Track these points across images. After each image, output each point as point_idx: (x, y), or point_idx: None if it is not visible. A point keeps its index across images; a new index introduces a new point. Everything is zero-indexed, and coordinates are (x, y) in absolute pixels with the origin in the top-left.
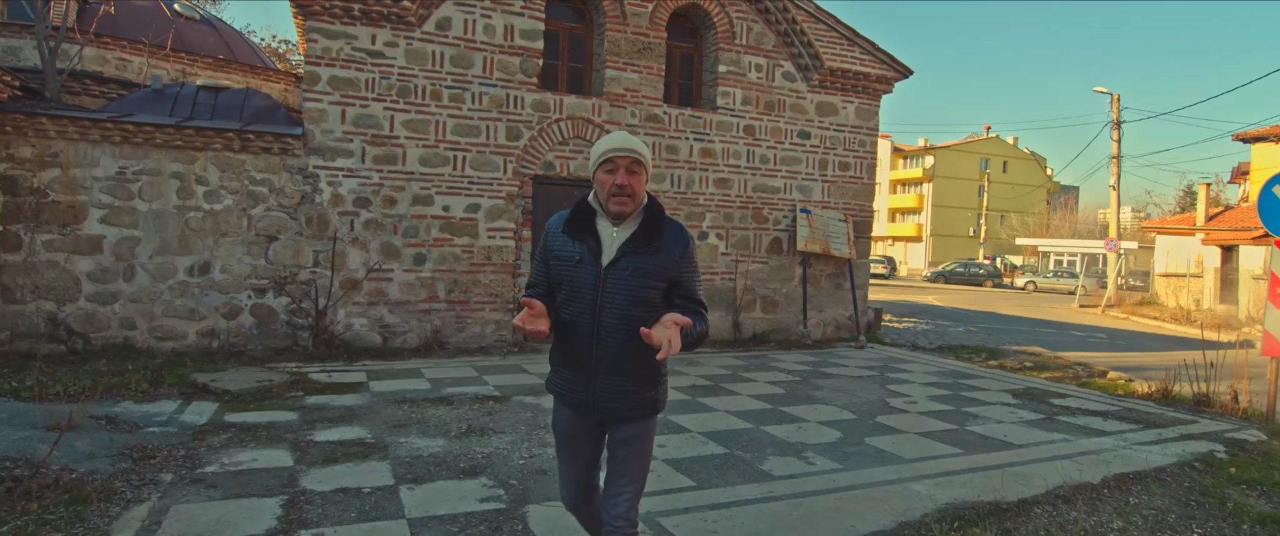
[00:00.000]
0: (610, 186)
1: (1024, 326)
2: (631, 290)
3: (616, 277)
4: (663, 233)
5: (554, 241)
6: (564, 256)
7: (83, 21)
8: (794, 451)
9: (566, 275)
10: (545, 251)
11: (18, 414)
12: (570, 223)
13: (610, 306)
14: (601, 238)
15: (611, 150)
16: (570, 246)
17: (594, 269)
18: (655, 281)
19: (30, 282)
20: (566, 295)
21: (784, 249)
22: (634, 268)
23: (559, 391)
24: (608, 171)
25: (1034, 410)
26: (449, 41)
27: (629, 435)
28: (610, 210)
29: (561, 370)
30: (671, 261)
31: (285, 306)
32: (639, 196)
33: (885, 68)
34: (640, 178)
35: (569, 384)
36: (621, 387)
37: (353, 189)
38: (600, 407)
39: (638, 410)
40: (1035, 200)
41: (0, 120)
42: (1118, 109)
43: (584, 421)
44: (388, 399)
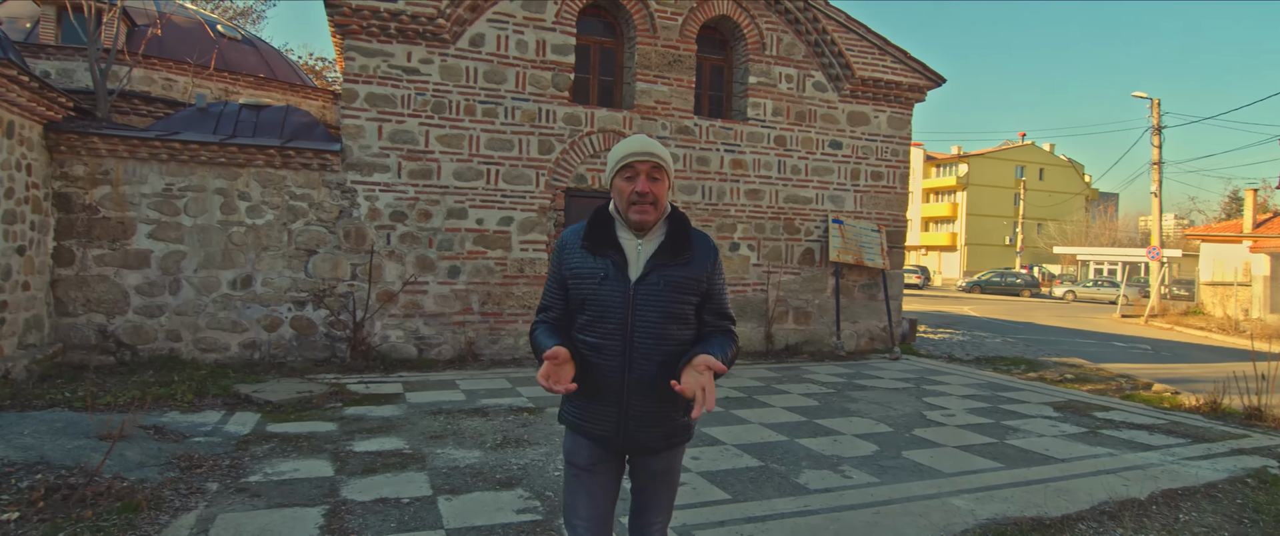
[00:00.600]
0: (630, 194)
1: (1064, 337)
2: (664, 306)
3: (647, 293)
4: (691, 242)
5: (572, 258)
6: (585, 273)
7: (131, 44)
8: (830, 464)
9: (590, 294)
10: (560, 270)
11: (72, 423)
12: (589, 236)
13: (643, 325)
14: (625, 251)
15: (630, 155)
16: (591, 262)
17: (622, 285)
18: (689, 295)
19: (82, 296)
20: (591, 316)
21: (816, 260)
22: (665, 281)
23: (579, 423)
24: (627, 179)
25: (1076, 423)
26: (482, 57)
27: (663, 468)
28: (631, 220)
29: (582, 400)
30: (703, 273)
31: (324, 318)
32: (662, 204)
33: (917, 76)
34: (662, 184)
35: (593, 414)
36: (657, 415)
37: (389, 203)
38: (632, 438)
39: (674, 438)
40: (1073, 208)
41: (55, 140)
42: (1158, 114)
43: (609, 453)
44: (424, 410)
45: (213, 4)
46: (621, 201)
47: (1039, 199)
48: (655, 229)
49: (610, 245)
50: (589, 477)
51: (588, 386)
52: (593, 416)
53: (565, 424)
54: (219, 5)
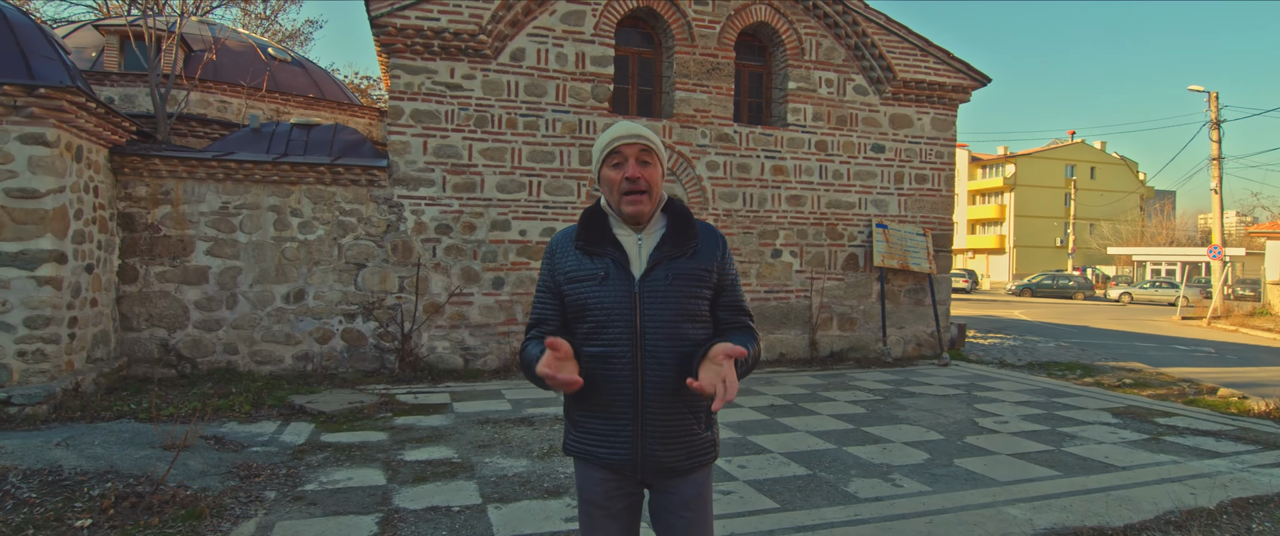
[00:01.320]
0: (621, 183)
1: (1121, 341)
2: (675, 302)
3: (654, 290)
4: (696, 231)
5: (565, 261)
6: (582, 275)
7: (188, 69)
8: (879, 473)
9: (590, 298)
10: (552, 275)
11: (138, 434)
12: (583, 234)
13: (653, 326)
14: (625, 247)
15: (615, 140)
16: (587, 263)
17: (625, 284)
18: (700, 288)
19: (145, 311)
20: (595, 323)
21: (860, 265)
22: (673, 274)
23: (589, 451)
24: (614, 166)
25: (1137, 430)
26: (523, 71)
27: (691, 496)
28: (625, 212)
29: (591, 421)
30: (712, 262)
31: (373, 330)
32: (656, 191)
33: (961, 76)
34: (654, 169)
35: (605, 438)
36: (678, 428)
37: (434, 216)
38: (653, 460)
39: (699, 455)
40: (1127, 207)
41: (119, 162)
42: (1216, 108)
43: (625, 484)
44: (471, 419)
45: (264, 27)
46: (612, 193)
47: (1091, 198)
48: (653, 221)
49: (607, 242)
50: (605, 517)
51: (595, 404)
52: (605, 439)
53: (573, 454)
54: (270, 28)
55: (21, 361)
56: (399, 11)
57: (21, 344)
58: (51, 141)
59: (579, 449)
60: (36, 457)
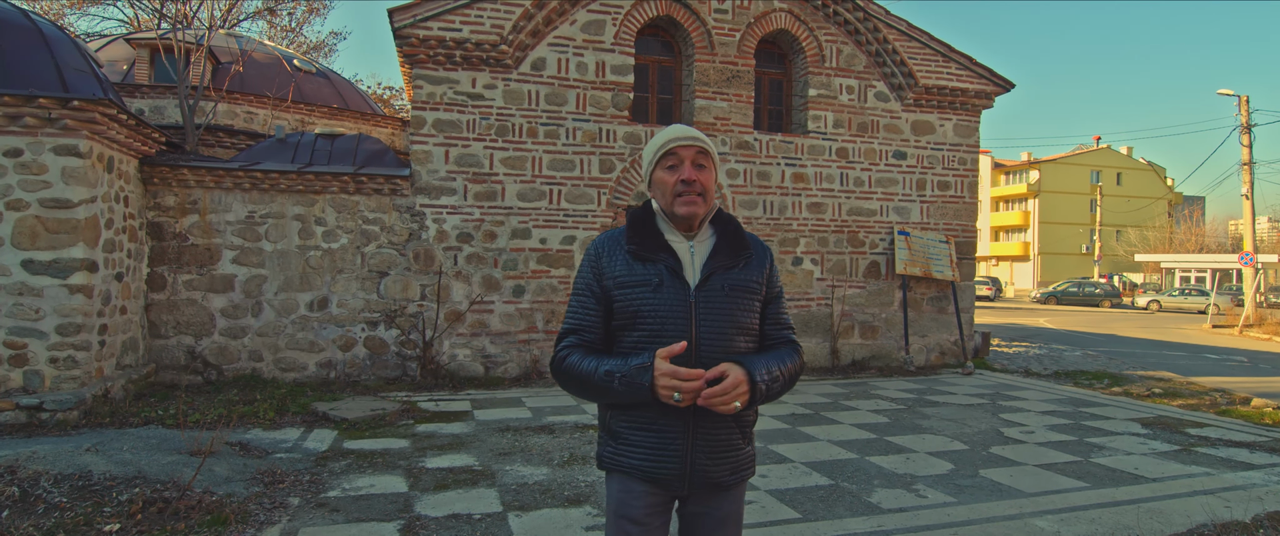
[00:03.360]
0: (676, 185)
1: (1150, 349)
2: (729, 314)
3: (710, 300)
4: (748, 243)
5: (613, 265)
6: (634, 281)
7: (216, 80)
8: (903, 483)
9: (644, 305)
10: (598, 282)
11: (165, 440)
12: (635, 238)
13: (708, 336)
14: (678, 254)
15: (672, 141)
16: (639, 268)
17: (681, 292)
18: (752, 299)
19: (172, 319)
20: (648, 332)
21: (882, 272)
22: (728, 285)
23: (634, 464)
24: (669, 168)
25: (1168, 441)
26: (543, 81)
27: (731, 511)
28: (678, 213)
29: (637, 433)
30: (763, 275)
31: (395, 338)
32: (710, 197)
33: (984, 82)
34: (709, 173)
35: (652, 451)
36: (727, 442)
37: (456, 225)
38: (701, 474)
39: (742, 470)
40: (1155, 213)
41: (149, 172)
42: (1247, 112)
43: (665, 499)
44: (492, 427)
45: (289, 40)
46: (665, 195)
47: (1117, 205)
48: (703, 230)
49: (661, 247)
50: (643, 533)
51: (645, 416)
52: (652, 453)
53: (612, 468)
54: (295, 40)
55: (53, 368)
56: (422, 23)
57: (53, 350)
58: (84, 152)
59: (621, 463)
60: (67, 463)
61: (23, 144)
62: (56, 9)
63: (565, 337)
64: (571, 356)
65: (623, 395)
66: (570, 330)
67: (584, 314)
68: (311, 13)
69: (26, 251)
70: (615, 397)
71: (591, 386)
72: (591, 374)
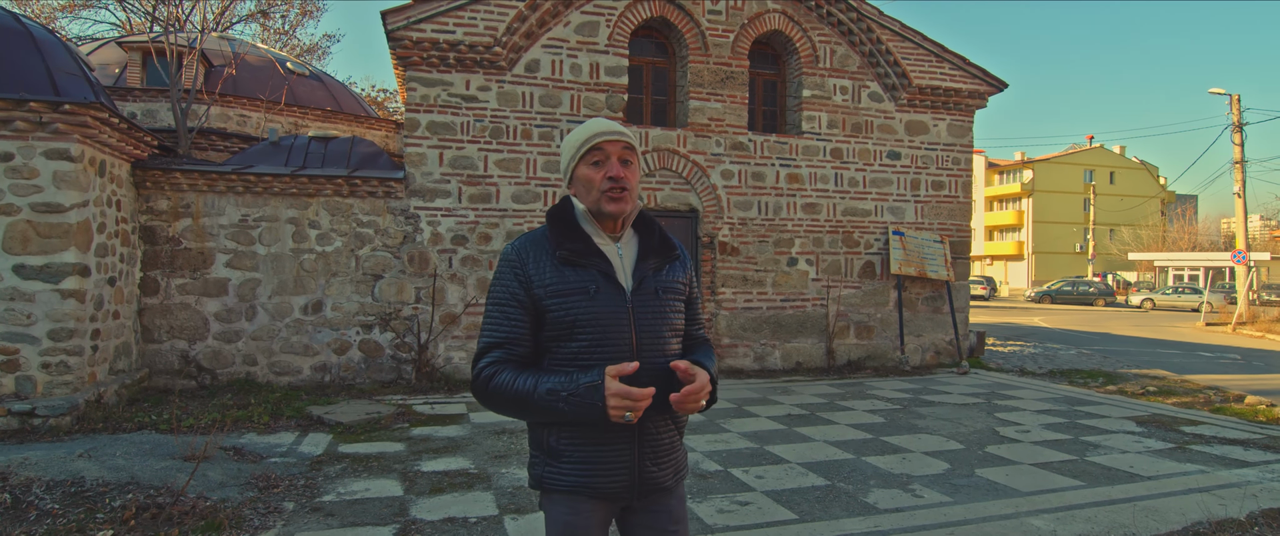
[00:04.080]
0: (602, 181)
1: (1144, 348)
2: (664, 317)
3: (645, 304)
4: (673, 243)
5: (541, 272)
6: (567, 288)
7: (209, 84)
8: (899, 483)
9: (582, 314)
10: (524, 291)
11: (158, 445)
12: (563, 243)
13: (647, 341)
14: (608, 257)
15: (598, 135)
16: (572, 275)
17: (618, 298)
18: (680, 301)
19: (166, 323)
20: (589, 341)
21: (877, 272)
22: (660, 288)
23: (584, 483)
24: (594, 164)
25: (1162, 439)
26: (538, 82)
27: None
28: (606, 211)
29: (583, 449)
30: (687, 275)
31: (390, 341)
32: (635, 193)
33: (977, 82)
34: (634, 170)
35: (602, 465)
36: (669, 445)
37: (450, 227)
38: (650, 481)
39: (681, 469)
40: (1148, 212)
41: (141, 176)
42: (1238, 110)
43: (612, 512)
44: (488, 430)
45: (282, 42)
46: (589, 193)
47: (1110, 203)
48: (625, 230)
49: (593, 252)
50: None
51: (591, 430)
52: (603, 468)
53: (560, 490)
54: (288, 43)
55: (46, 373)
56: (415, 25)
57: (46, 356)
58: (76, 156)
59: (569, 482)
60: (60, 469)
61: (14, 148)
62: (48, 12)
63: (488, 352)
64: (501, 374)
65: (568, 415)
66: (495, 344)
67: (510, 325)
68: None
69: (18, 256)
70: (557, 417)
71: (529, 406)
72: (529, 393)
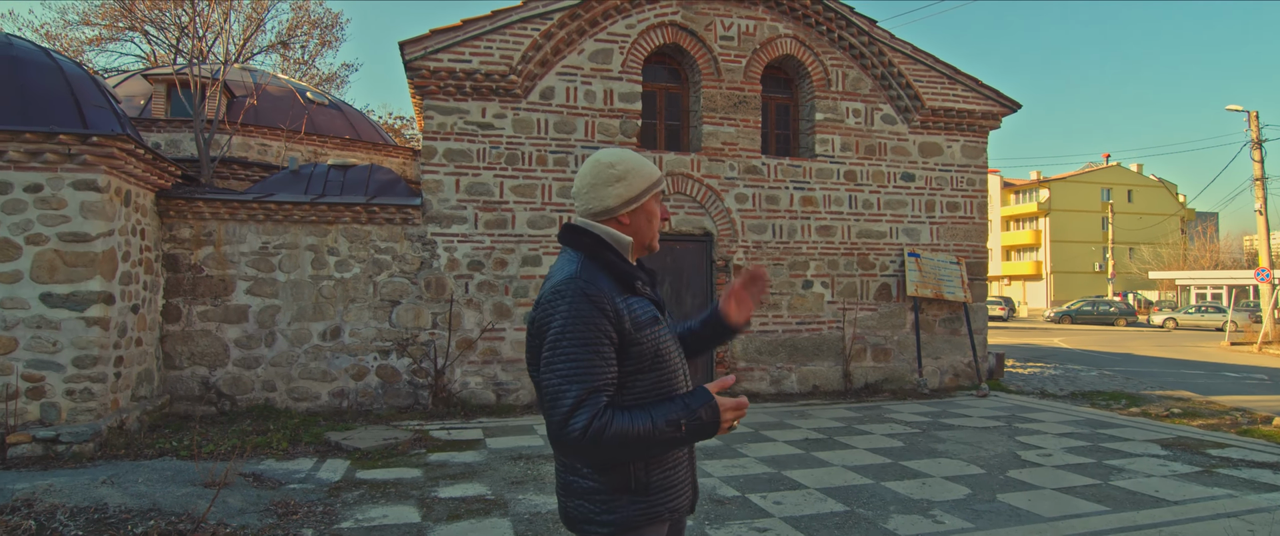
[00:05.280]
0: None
1: (1167, 368)
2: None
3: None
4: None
5: (629, 307)
6: (648, 319)
7: (231, 114)
8: (919, 509)
9: (664, 344)
10: (614, 326)
11: (179, 471)
12: (636, 272)
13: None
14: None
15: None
16: (642, 305)
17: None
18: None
19: (187, 350)
20: (670, 370)
21: (893, 295)
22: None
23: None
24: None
25: (1188, 462)
26: (552, 109)
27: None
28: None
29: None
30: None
31: (407, 367)
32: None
33: (991, 103)
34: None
35: (679, 488)
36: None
37: (467, 253)
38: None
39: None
40: (1168, 230)
41: (165, 205)
42: (1257, 127)
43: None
44: (504, 456)
45: (302, 72)
46: (648, 229)
47: (1129, 222)
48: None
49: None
50: None
51: (670, 458)
52: (681, 489)
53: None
54: (308, 73)
55: (70, 400)
56: (432, 55)
57: (70, 383)
58: (102, 187)
59: (657, 513)
60: (83, 495)
61: (43, 179)
62: (76, 46)
63: (587, 400)
64: (616, 421)
65: (686, 439)
66: (594, 390)
67: (607, 367)
68: (324, 45)
69: (45, 285)
70: (679, 445)
71: (654, 443)
72: (652, 430)
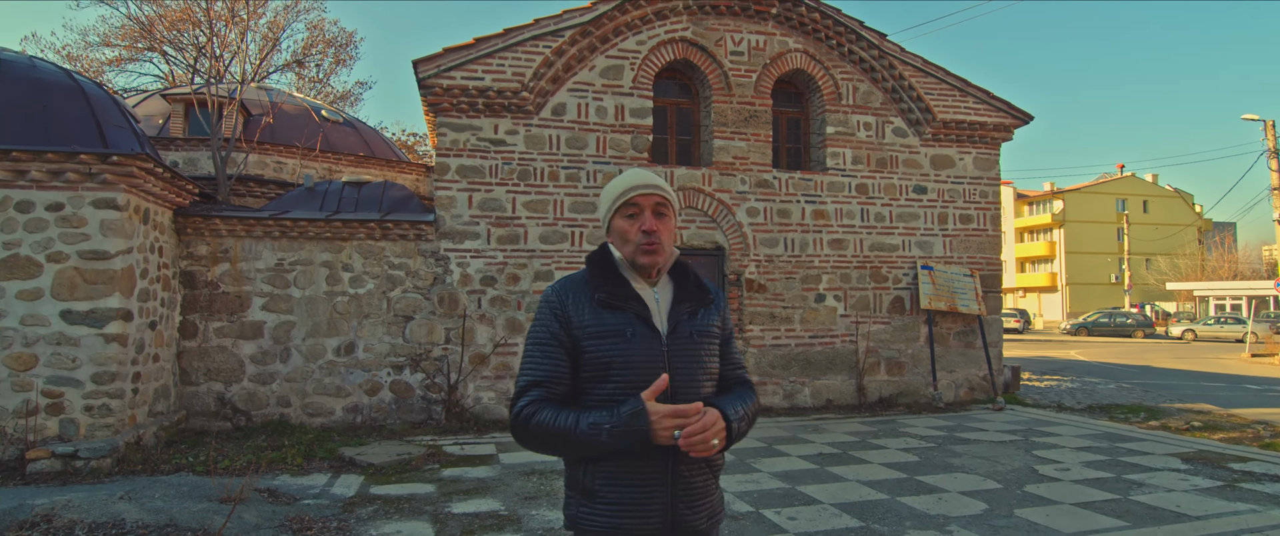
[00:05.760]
0: (636, 235)
1: (1187, 381)
2: (698, 360)
3: (679, 347)
4: (707, 287)
5: (581, 314)
6: (604, 331)
7: (247, 132)
8: (936, 524)
9: (617, 356)
10: (564, 331)
11: (195, 487)
12: (603, 286)
13: (682, 384)
14: (645, 301)
15: (633, 190)
16: (609, 318)
17: (653, 341)
18: (714, 343)
19: (203, 366)
20: (623, 383)
21: (907, 308)
22: (694, 332)
23: (617, 524)
24: (629, 217)
25: (1210, 476)
26: (564, 125)
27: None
28: (640, 263)
29: (618, 490)
30: (720, 318)
31: (420, 382)
32: (670, 245)
33: (1002, 115)
34: (668, 222)
35: (636, 507)
36: (703, 488)
37: (479, 268)
38: (684, 525)
39: (716, 515)
40: (1185, 240)
41: (183, 223)
42: (1274, 136)
43: None
44: (517, 471)
45: (317, 90)
46: (625, 244)
47: (1145, 232)
48: (663, 275)
49: (630, 296)
50: None
51: (627, 471)
52: (636, 509)
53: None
54: (322, 91)
55: (88, 416)
56: (445, 73)
57: (89, 399)
58: (121, 205)
59: (603, 524)
60: (101, 511)
61: (64, 198)
62: (96, 66)
63: (528, 391)
64: (541, 412)
65: (610, 446)
66: (534, 383)
67: (551, 365)
68: (338, 64)
69: (65, 302)
70: (597, 450)
71: (571, 442)
72: (571, 429)
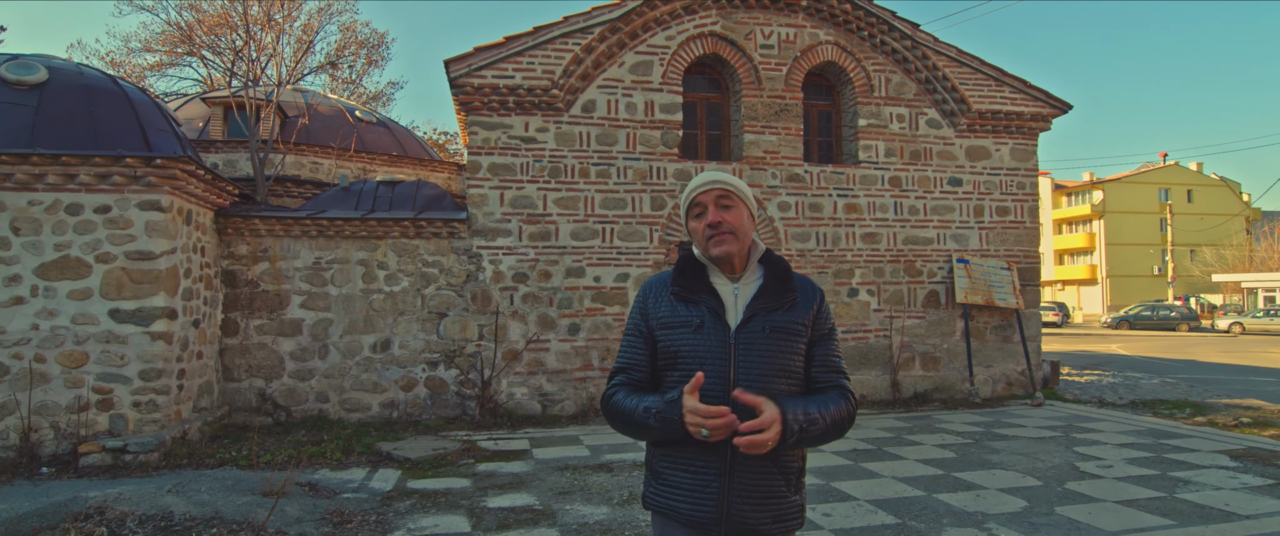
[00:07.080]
0: (703, 231)
1: (1234, 375)
2: (769, 356)
3: (749, 342)
4: (794, 284)
5: (658, 306)
6: (676, 322)
7: (284, 133)
8: (974, 522)
9: (684, 346)
10: (645, 322)
11: (239, 481)
12: (679, 280)
13: (746, 378)
14: (722, 295)
15: (693, 191)
16: (682, 310)
17: (721, 333)
18: (796, 342)
19: (244, 363)
20: (687, 372)
21: (942, 302)
22: (769, 327)
23: (672, 505)
24: (696, 217)
25: (1260, 474)
26: (594, 122)
27: None
28: (713, 254)
29: (677, 474)
30: (808, 317)
31: (455, 378)
32: (742, 233)
33: (1040, 104)
34: (736, 211)
35: (690, 493)
36: (767, 489)
37: (511, 265)
38: (738, 520)
39: (786, 520)
40: (1231, 231)
41: (223, 223)
42: None
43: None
44: (551, 466)
45: (350, 91)
46: (700, 242)
47: (1189, 223)
48: (750, 272)
49: (704, 290)
50: None
51: (684, 457)
52: (690, 495)
53: (654, 508)
54: (355, 91)
55: (136, 411)
56: (476, 72)
57: (136, 395)
58: (165, 207)
59: (661, 503)
60: (150, 504)
61: (111, 200)
62: (138, 72)
63: (615, 376)
64: (618, 394)
65: (657, 431)
66: (619, 369)
67: (631, 353)
68: (370, 64)
69: (113, 301)
70: (652, 434)
71: (633, 423)
72: (633, 411)
